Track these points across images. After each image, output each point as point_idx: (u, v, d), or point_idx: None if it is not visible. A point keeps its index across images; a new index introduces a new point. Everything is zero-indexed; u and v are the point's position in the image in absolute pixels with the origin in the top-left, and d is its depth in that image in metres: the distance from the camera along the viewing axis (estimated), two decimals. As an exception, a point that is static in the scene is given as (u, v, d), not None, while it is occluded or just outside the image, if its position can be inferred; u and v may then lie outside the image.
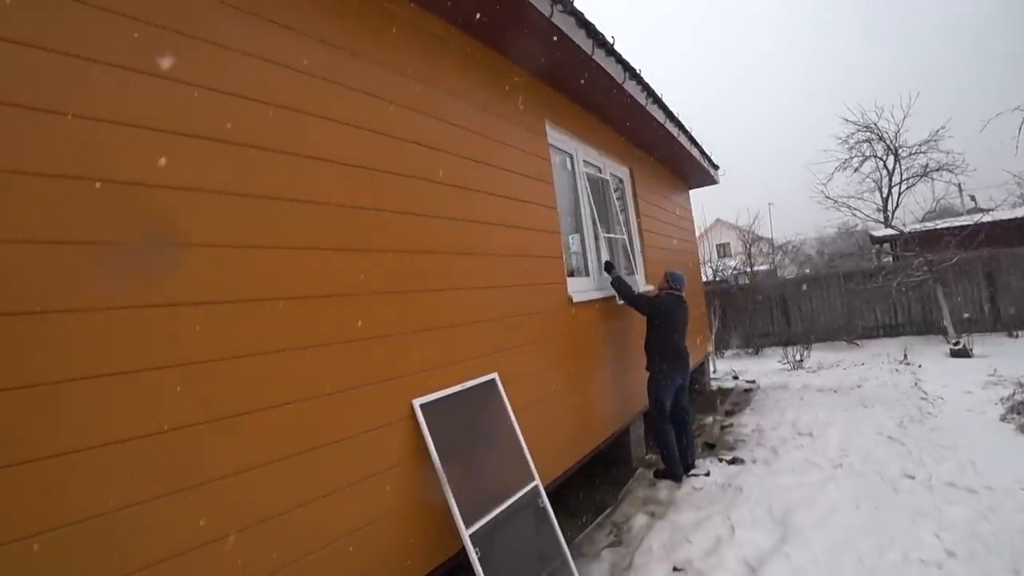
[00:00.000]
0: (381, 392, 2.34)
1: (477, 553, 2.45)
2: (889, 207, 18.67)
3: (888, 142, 17.82)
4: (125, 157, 1.57)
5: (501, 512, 2.65)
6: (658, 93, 5.39)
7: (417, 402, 2.48)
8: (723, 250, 22.88)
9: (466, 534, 2.42)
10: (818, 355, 10.08)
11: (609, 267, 4.66)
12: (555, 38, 3.49)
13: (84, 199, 1.47)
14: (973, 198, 19.65)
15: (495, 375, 3.01)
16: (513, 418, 2.98)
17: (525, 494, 2.85)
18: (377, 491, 2.26)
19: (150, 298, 1.60)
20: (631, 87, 4.71)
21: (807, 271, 18.08)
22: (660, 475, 4.49)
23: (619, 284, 4.53)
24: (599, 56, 4.01)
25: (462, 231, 2.99)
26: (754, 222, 19.14)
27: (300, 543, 1.93)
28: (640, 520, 3.67)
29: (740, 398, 7.51)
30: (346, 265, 2.26)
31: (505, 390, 3.03)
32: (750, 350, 12.04)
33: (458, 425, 2.71)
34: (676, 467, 4.41)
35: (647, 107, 5.18)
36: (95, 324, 1.46)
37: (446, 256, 2.85)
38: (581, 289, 4.27)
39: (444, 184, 2.90)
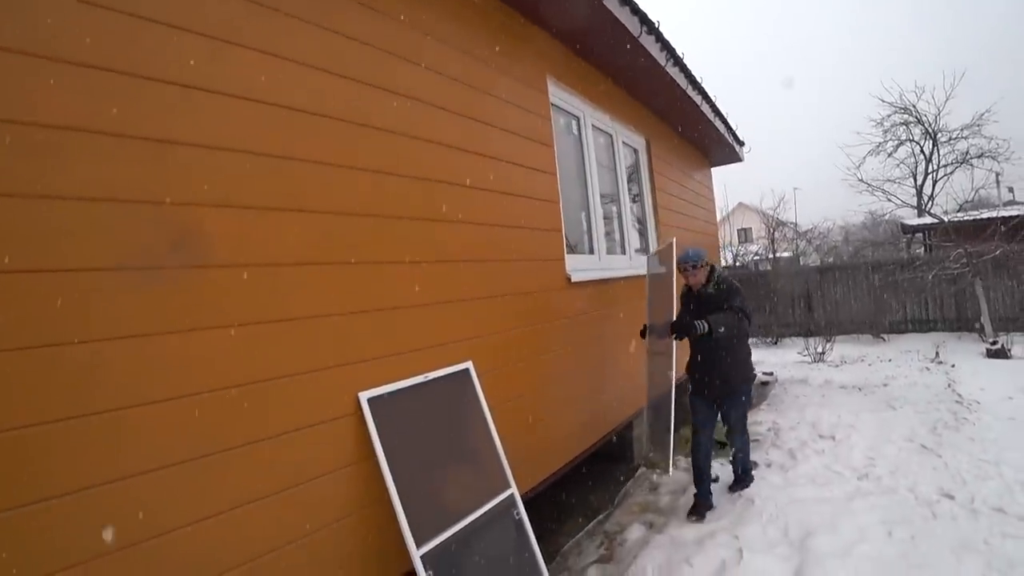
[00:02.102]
0: (320, 382, 1.92)
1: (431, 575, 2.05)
2: (923, 195, 17.72)
3: (927, 126, 16.85)
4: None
5: (466, 526, 2.24)
6: (680, 55, 4.82)
7: (364, 395, 2.06)
8: (744, 235, 22.03)
9: (417, 554, 2.02)
10: (841, 348, 9.48)
11: (694, 326, 3.29)
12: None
13: None
14: (1011, 189, 18.52)
15: (469, 364, 2.57)
16: (488, 416, 2.54)
17: (497, 505, 2.43)
18: (311, 501, 1.85)
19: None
20: (648, 43, 4.16)
21: (831, 260, 17.31)
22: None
23: (722, 321, 3.27)
24: (611, 3, 3.47)
25: (436, 194, 2.53)
26: (779, 205, 18.32)
27: (201, 564, 1.53)
28: (636, 532, 3.25)
29: (756, 391, 6.99)
30: (275, 228, 1.83)
31: (482, 382, 2.59)
32: (769, 340, 11.45)
33: (419, 423, 2.29)
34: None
35: (666, 68, 4.62)
36: None
37: (415, 223, 2.40)
38: (582, 267, 3.79)
39: (416, 139, 2.43)
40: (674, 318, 3.51)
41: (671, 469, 3.80)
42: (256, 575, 1.66)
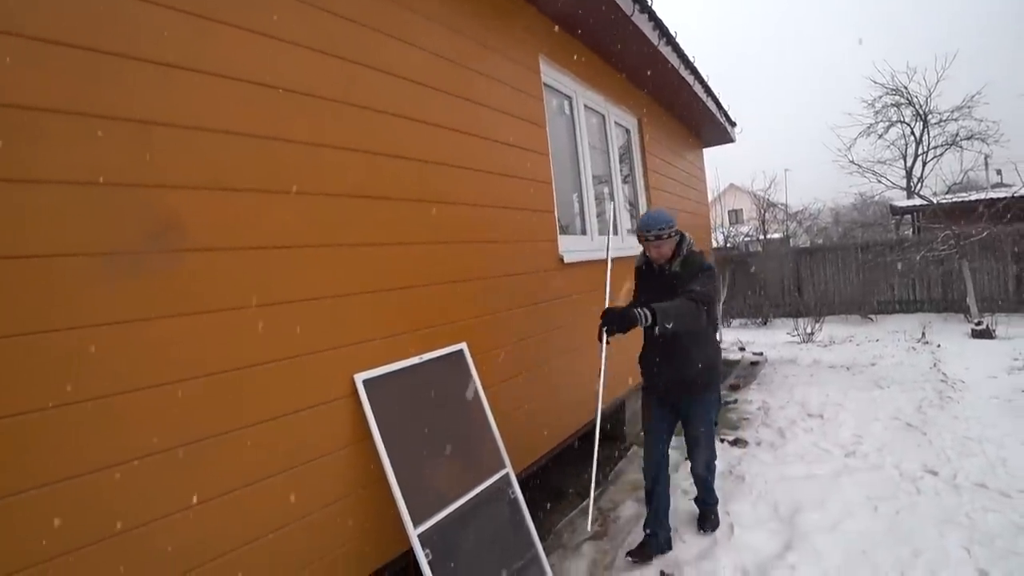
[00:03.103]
0: (315, 365, 1.91)
1: (427, 555, 2.07)
2: (913, 177, 17.83)
3: (917, 107, 16.87)
4: None
5: (462, 506, 2.26)
6: (672, 33, 4.76)
7: (359, 377, 2.05)
8: (735, 216, 22.09)
9: (414, 533, 2.04)
10: (830, 329, 9.60)
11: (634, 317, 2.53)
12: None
13: None
14: (999, 172, 18.65)
15: (463, 345, 2.58)
16: (483, 396, 2.56)
17: (493, 484, 2.46)
18: (308, 483, 1.85)
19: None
20: (641, 22, 4.10)
21: (820, 241, 17.42)
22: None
23: (672, 312, 2.52)
24: (604, -22, 3.42)
25: (427, 175, 2.50)
26: (770, 187, 18.33)
27: (200, 547, 1.54)
28: (629, 508, 3.30)
29: (746, 372, 7.09)
30: (265, 210, 1.80)
31: (476, 362, 2.60)
32: (758, 320, 11.57)
33: (414, 404, 2.29)
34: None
35: (659, 47, 4.57)
36: None
37: (405, 204, 2.37)
38: (575, 248, 3.79)
39: (404, 118, 2.39)
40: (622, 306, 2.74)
41: (589, 522, 2.54)
42: (255, 556, 1.67)
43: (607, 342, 2.63)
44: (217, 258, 1.65)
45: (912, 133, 17.61)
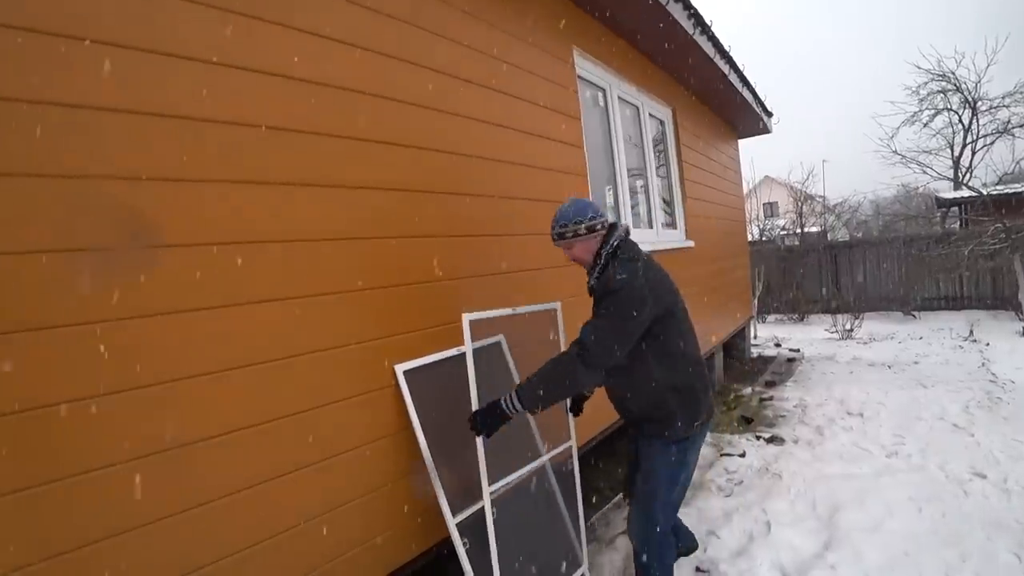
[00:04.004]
0: (356, 355, 1.96)
1: (465, 544, 2.11)
2: (961, 167, 17.09)
3: (966, 93, 16.11)
4: None
5: (500, 496, 2.29)
6: (708, 22, 4.67)
7: (400, 368, 2.10)
8: (771, 209, 21.55)
9: (452, 522, 2.08)
10: (870, 325, 9.32)
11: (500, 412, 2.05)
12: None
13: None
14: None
15: (501, 337, 2.60)
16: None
17: (530, 475, 2.48)
18: (348, 471, 1.91)
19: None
20: (676, 11, 4.04)
21: (859, 235, 16.87)
22: None
23: (537, 385, 2.02)
24: (639, -30, 3.37)
25: (466, 168, 2.53)
26: (807, 178, 17.84)
27: (259, 527, 1.61)
28: (662, 504, 3.28)
29: (782, 368, 6.95)
30: (316, 205, 1.85)
31: (513, 355, 2.62)
32: (795, 316, 11.30)
33: (452, 395, 2.32)
34: None
35: (694, 37, 4.49)
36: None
37: (445, 197, 2.40)
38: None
39: (441, 112, 2.42)
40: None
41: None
42: (294, 543, 1.73)
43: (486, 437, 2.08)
44: (272, 250, 1.71)
45: (960, 121, 16.86)
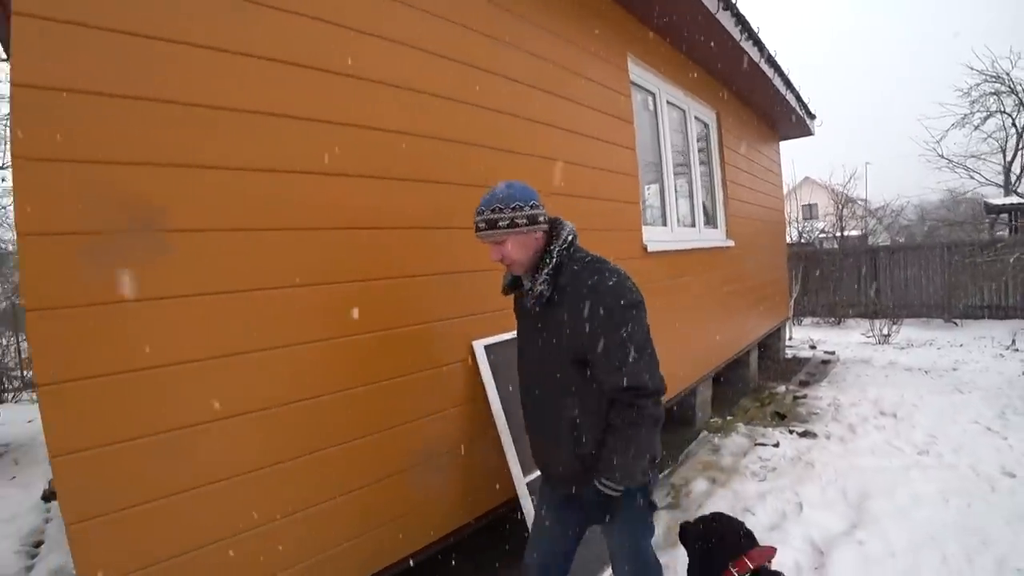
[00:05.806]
0: (442, 331, 2.27)
1: (534, 500, 2.39)
2: (1012, 173, 16.56)
3: (1021, 95, 15.57)
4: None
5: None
6: (755, 28, 4.82)
7: (478, 343, 2.39)
8: (810, 211, 21.21)
9: (523, 481, 2.36)
10: (909, 331, 9.26)
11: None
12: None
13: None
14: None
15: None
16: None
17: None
18: (430, 433, 2.22)
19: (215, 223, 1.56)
20: (724, 19, 4.22)
21: (901, 240, 16.53)
22: None
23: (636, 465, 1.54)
24: (690, -19, 3.57)
25: (531, 167, 2.80)
26: (849, 181, 17.51)
27: (356, 475, 1.93)
28: (700, 485, 3.51)
29: (817, 369, 7.05)
30: (407, 198, 2.15)
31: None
32: (831, 319, 11.26)
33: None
34: None
35: (741, 43, 4.66)
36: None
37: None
38: (656, 238, 4.00)
39: (512, 116, 2.69)
40: None
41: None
42: (389, 489, 2.04)
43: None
44: (379, 236, 2.02)
45: (1013, 124, 16.31)
